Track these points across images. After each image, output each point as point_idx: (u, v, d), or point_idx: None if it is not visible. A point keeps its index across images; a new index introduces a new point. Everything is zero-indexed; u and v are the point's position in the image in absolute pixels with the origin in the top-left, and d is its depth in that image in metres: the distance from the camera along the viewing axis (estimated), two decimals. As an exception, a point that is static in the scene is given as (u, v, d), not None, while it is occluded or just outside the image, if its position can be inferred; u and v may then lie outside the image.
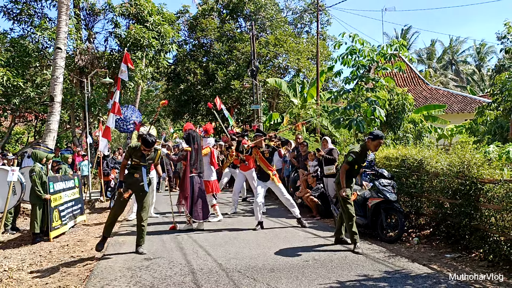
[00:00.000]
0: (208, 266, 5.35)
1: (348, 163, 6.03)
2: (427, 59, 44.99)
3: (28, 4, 17.81)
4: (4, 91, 15.23)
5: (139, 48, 17.79)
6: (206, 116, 27.18)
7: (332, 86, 28.48)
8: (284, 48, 23.88)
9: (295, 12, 28.12)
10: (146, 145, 6.00)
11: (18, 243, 7.66)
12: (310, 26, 28.73)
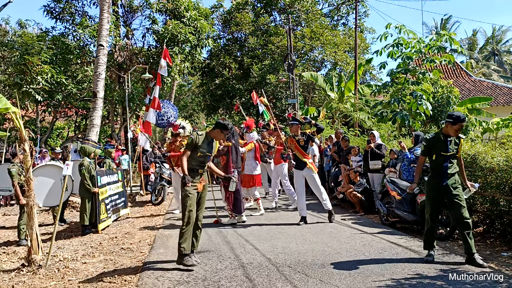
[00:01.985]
0: (257, 261, 5.34)
1: (422, 153, 5.45)
2: (469, 49, 43.52)
3: (69, 3, 18.25)
4: (49, 87, 15.67)
5: (176, 44, 17.95)
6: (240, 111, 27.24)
7: (370, 79, 27.98)
8: (320, 41, 23.63)
9: (332, 4, 27.72)
10: (225, 129, 5.47)
11: (68, 234, 7.91)
12: (347, 18, 28.31)
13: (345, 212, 9.01)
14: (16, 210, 11.03)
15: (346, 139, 10.40)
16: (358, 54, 19.10)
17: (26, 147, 5.59)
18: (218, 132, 5.47)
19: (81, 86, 18.51)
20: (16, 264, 5.87)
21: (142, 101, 18.24)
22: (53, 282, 4.93)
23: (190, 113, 37.39)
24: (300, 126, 7.88)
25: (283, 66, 21.90)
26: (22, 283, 4.92)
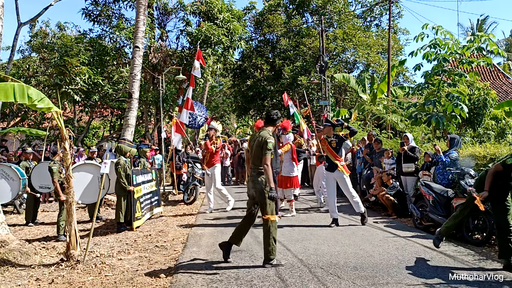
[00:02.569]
0: (289, 261, 5.36)
1: (506, 165, 4.90)
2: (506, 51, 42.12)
3: (107, 6, 18.74)
4: (86, 88, 16.14)
5: (209, 45, 18.16)
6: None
7: (403, 81, 27.49)
8: (352, 43, 23.40)
9: (365, 5, 27.40)
10: (270, 122, 5.47)
11: (104, 231, 8.14)
12: (380, 19, 27.89)
13: (377, 215, 8.91)
14: (54, 207, 11.42)
15: (379, 141, 10.28)
16: (391, 55, 18.82)
17: (66, 145, 5.79)
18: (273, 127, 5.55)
19: (117, 87, 18.98)
20: (55, 258, 6.09)
21: (175, 102, 18.55)
22: (90, 277, 5.09)
23: (221, 114, 37.68)
24: (332, 127, 7.85)
25: (315, 67, 21.81)
26: (61, 277, 5.10)
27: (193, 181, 11.53)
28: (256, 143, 5.25)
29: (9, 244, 5.93)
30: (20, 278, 5.16)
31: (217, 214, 9.42)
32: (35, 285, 4.88)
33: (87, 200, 8.69)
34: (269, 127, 5.43)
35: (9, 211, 11.20)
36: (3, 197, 8.52)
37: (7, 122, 23.38)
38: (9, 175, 8.96)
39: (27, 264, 5.71)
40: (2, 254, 5.71)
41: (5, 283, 4.98)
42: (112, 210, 10.59)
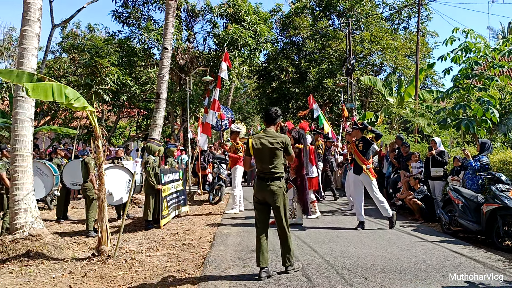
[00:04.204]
0: (316, 262, 5.38)
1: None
2: (538, 55, 40.96)
3: (136, 8, 19.10)
4: (116, 88, 16.48)
5: (235, 47, 18.30)
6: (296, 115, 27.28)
7: (431, 85, 27.09)
8: (379, 45, 23.21)
9: (393, 7, 27.14)
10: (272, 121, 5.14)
11: (132, 228, 8.31)
12: (409, 21, 27.54)
13: (404, 219, 8.82)
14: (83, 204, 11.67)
15: (407, 145, 10.19)
16: (419, 58, 18.58)
17: (99, 143, 5.95)
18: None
19: (144, 88, 19.31)
20: (86, 253, 6.26)
21: (201, 103, 18.74)
22: (121, 272, 5.22)
23: (245, 116, 37.84)
24: (360, 130, 7.83)
25: (341, 70, 21.71)
26: (93, 271, 5.25)
27: (219, 182, 11.64)
28: (272, 146, 4.85)
29: (44, 238, 6.13)
30: (54, 271, 5.33)
31: (243, 214, 9.50)
32: (69, 278, 5.04)
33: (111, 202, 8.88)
34: (271, 127, 5.07)
35: (40, 207, 11.51)
36: (38, 193, 8.77)
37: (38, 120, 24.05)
38: (44, 172, 9.24)
39: (60, 257, 5.89)
40: (37, 247, 5.90)
41: (40, 275, 5.15)
42: (139, 209, 10.79)
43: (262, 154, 4.90)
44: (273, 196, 4.81)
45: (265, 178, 4.88)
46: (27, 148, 6.39)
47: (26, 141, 6.38)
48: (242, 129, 20.64)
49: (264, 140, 4.90)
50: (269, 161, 4.87)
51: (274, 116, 5.07)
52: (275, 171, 4.86)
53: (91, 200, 8.05)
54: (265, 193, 4.85)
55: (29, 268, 5.42)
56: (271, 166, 4.86)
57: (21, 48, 6.51)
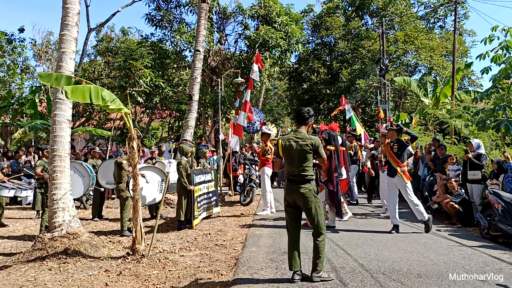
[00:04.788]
0: (350, 266, 5.30)
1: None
2: None
3: (169, 11, 19.39)
4: (149, 90, 16.76)
5: (266, 49, 18.30)
6: (327, 116, 27.06)
7: (469, 85, 26.32)
8: (414, 45, 22.73)
9: (428, 6, 26.51)
10: (303, 121, 4.97)
11: (165, 228, 8.41)
12: (445, 20, 26.87)
13: (440, 223, 8.59)
14: (116, 203, 11.90)
15: (443, 147, 9.92)
16: (456, 58, 18.08)
17: (134, 144, 6.05)
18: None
19: (177, 89, 19.56)
20: (121, 252, 6.37)
21: (232, 105, 18.84)
22: (155, 271, 5.28)
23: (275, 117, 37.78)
24: (396, 132, 7.68)
25: (374, 70, 21.38)
26: (128, 269, 5.33)
27: (250, 183, 11.65)
28: (304, 147, 4.69)
29: (80, 236, 6.28)
30: (91, 268, 5.44)
31: (274, 216, 9.46)
32: (105, 275, 5.13)
33: (144, 201, 9.02)
34: (302, 127, 4.89)
35: (76, 206, 11.78)
36: (75, 192, 8.99)
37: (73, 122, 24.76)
38: (80, 172, 9.48)
39: (96, 256, 6.01)
40: (74, 245, 6.04)
41: (78, 273, 5.27)
42: (171, 209, 10.91)
43: (291, 156, 4.76)
44: (303, 199, 4.66)
45: (294, 181, 4.74)
46: (65, 149, 6.56)
47: (64, 142, 6.55)
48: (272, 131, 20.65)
49: (293, 141, 4.76)
50: (298, 163, 4.72)
51: (306, 115, 4.90)
52: (304, 173, 4.71)
53: (125, 200, 8.21)
54: (295, 195, 4.70)
55: (67, 265, 5.56)
56: (300, 168, 4.71)
57: (60, 52, 6.69)
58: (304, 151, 4.70)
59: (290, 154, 4.76)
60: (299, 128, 4.91)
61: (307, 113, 4.91)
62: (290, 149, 4.76)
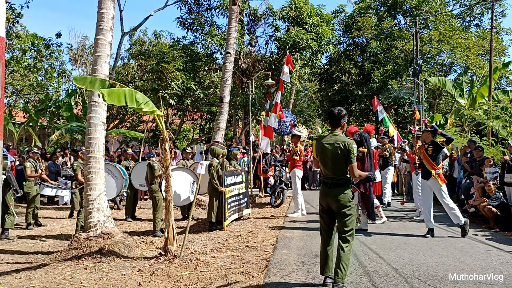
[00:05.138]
0: (383, 270, 5.20)
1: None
2: None
3: (200, 14, 19.62)
4: (180, 92, 16.98)
5: (297, 50, 18.25)
6: (359, 118, 26.72)
7: (507, 85, 25.45)
8: (449, 44, 22.15)
9: (463, 4, 25.79)
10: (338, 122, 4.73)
11: (196, 229, 8.48)
12: (481, 18, 26.10)
13: (477, 227, 8.31)
14: (149, 204, 12.08)
15: (480, 149, 9.62)
16: (493, 57, 17.52)
17: (167, 146, 6.12)
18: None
19: (208, 92, 19.75)
20: (154, 252, 6.46)
21: (263, 106, 18.87)
22: (187, 271, 5.33)
23: (306, 119, 37.60)
24: (430, 134, 7.49)
25: (407, 71, 20.96)
26: (161, 270, 5.40)
27: (280, 185, 11.62)
28: (335, 150, 4.48)
29: (115, 236, 6.40)
30: (124, 268, 5.54)
31: (305, 218, 9.40)
32: (138, 275, 5.21)
33: (177, 203, 9.12)
34: (336, 129, 4.66)
35: (110, 207, 12.04)
36: (109, 194, 9.19)
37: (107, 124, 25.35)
38: (114, 174, 9.69)
39: (130, 256, 6.11)
40: (109, 245, 6.17)
41: (112, 272, 5.38)
42: (202, 210, 11.00)
43: (325, 158, 4.59)
44: (337, 202, 4.45)
45: (328, 184, 4.57)
46: (100, 150, 6.71)
47: (98, 144, 6.70)
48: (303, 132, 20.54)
49: (327, 143, 4.55)
50: (332, 166, 4.54)
51: (338, 116, 4.65)
52: (338, 176, 4.53)
53: (157, 201, 8.32)
54: (329, 199, 4.52)
55: (101, 264, 5.68)
56: (333, 171, 4.53)
57: (95, 56, 6.86)
58: (337, 154, 4.49)
59: (324, 156, 4.60)
60: (334, 129, 4.70)
61: (338, 114, 4.67)
62: (323, 151, 4.59)
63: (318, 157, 4.70)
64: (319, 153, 4.64)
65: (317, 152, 4.70)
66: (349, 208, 4.45)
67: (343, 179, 4.54)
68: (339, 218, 4.49)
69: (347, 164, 4.52)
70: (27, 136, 24.79)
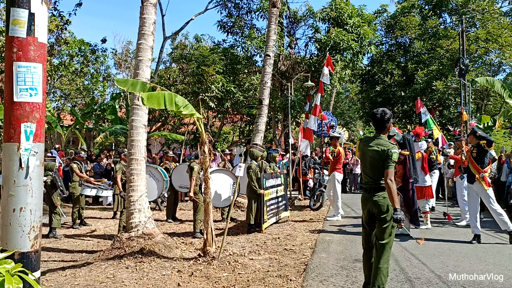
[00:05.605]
0: (425, 276, 5.03)
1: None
2: None
3: (240, 17, 19.74)
4: (220, 95, 17.15)
5: (337, 51, 18.00)
6: (402, 120, 26.08)
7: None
8: (497, 43, 21.26)
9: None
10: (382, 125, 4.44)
11: (235, 231, 8.52)
12: (532, 15, 24.91)
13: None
14: (189, 206, 12.26)
15: (531, 152, 9.16)
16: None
17: (206, 149, 6.19)
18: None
19: (247, 94, 19.85)
20: (193, 253, 6.53)
21: (302, 108, 18.75)
22: (225, 273, 5.35)
23: (346, 121, 37.11)
24: (474, 136, 7.21)
25: (453, 71, 20.28)
26: (199, 271, 5.45)
27: (320, 187, 11.50)
28: (373, 154, 4.27)
29: (155, 237, 6.52)
30: (164, 268, 5.63)
31: (345, 221, 9.25)
32: (177, 276, 5.28)
33: (217, 203, 9.20)
34: (381, 132, 4.39)
35: (151, 207, 12.30)
36: (150, 195, 9.38)
37: (150, 127, 25.95)
38: (155, 176, 9.89)
39: (170, 256, 6.21)
40: (150, 245, 6.29)
41: (152, 272, 5.48)
42: (241, 212, 11.04)
43: (364, 161, 4.42)
44: (377, 207, 4.22)
45: (367, 189, 4.38)
46: (141, 153, 6.86)
47: (140, 146, 6.85)
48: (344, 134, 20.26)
49: (368, 146, 4.35)
50: (371, 170, 4.33)
51: (380, 119, 4.35)
52: (377, 181, 4.29)
53: (198, 202, 8.42)
54: (369, 204, 4.31)
55: (142, 264, 5.79)
56: (372, 175, 4.32)
57: (137, 60, 7.03)
58: (376, 158, 4.26)
59: (364, 160, 4.44)
60: (378, 133, 4.42)
61: (381, 117, 4.35)
62: (363, 154, 4.42)
63: (360, 159, 4.58)
64: (360, 156, 4.50)
65: (359, 155, 4.57)
66: (389, 214, 4.20)
67: (379, 183, 4.30)
68: (379, 224, 4.26)
69: (385, 169, 4.25)
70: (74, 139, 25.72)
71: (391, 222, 4.17)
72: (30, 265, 3.01)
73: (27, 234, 3.01)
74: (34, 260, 3.06)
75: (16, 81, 3.00)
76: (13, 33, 3.00)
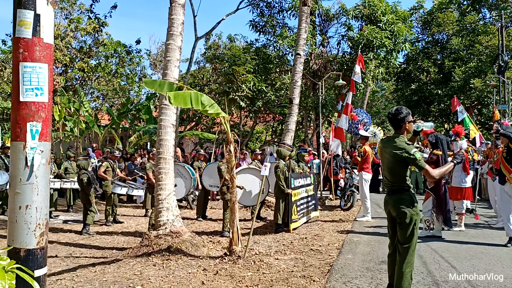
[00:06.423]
0: (454, 280, 4.89)
1: None
2: None
3: (272, 16, 19.74)
4: (251, 95, 17.20)
5: (371, 49, 17.71)
6: (439, 118, 25.39)
7: None
8: (540, 38, 20.39)
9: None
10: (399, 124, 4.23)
11: (263, 230, 8.55)
12: None
13: None
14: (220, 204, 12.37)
15: None
16: None
17: (231, 148, 6.23)
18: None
19: (279, 93, 19.81)
20: (220, 252, 6.59)
21: (334, 108, 18.57)
22: (249, 272, 5.37)
23: (382, 120, 36.45)
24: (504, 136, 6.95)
25: (492, 68, 19.57)
26: (224, 270, 5.49)
27: (351, 187, 11.36)
28: (389, 155, 4.11)
29: (183, 235, 6.62)
30: (190, 266, 5.71)
31: (375, 222, 9.11)
32: (202, 274, 5.34)
33: (245, 202, 9.25)
34: (399, 132, 4.17)
35: (183, 206, 12.53)
36: (178, 193, 9.53)
37: (184, 126, 26.33)
38: (183, 174, 10.05)
39: (196, 254, 6.29)
40: (177, 243, 6.39)
41: (179, 270, 5.57)
42: (271, 211, 11.04)
43: (383, 163, 4.33)
44: (396, 210, 4.07)
45: (387, 191, 4.27)
46: (169, 151, 6.98)
47: (168, 145, 6.97)
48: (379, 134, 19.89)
49: (385, 147, 4.22)
50: (388, 171, 4.20)
51: (393, 118, 4.18)
52: (394, 183, 4.15)
53: (227, 201, 8.48)
54: (389, 206, 4.19)
55: (169, 262, 5.90)
56: (390, 176, 4.18)
57: (166, 60, 7.16)
58: (391, 159, 4.12)
59: (382, 161, 4.34)
60: (396, 132, 4.25)
61: (394, 116, 4.18)
62: (382, 155, 4.30)
63: (380, 160, 4.47)
64: (381, 156, 4.39)
65: (380, 155, 4.46)
66: (410, 215, 4.01)
67: (399, 185, 4.16)
68: (398, 227, 4.11)
69: (419, 170, 4.15)
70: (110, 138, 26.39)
71: (411, 226, 4.00)
72: (36, 262, 3.07)
73: (32, 231, 3.05)
74: (40, 257, 3.11)
75: (22, 81, 3.06)
76: (19, 34, 3.06)
